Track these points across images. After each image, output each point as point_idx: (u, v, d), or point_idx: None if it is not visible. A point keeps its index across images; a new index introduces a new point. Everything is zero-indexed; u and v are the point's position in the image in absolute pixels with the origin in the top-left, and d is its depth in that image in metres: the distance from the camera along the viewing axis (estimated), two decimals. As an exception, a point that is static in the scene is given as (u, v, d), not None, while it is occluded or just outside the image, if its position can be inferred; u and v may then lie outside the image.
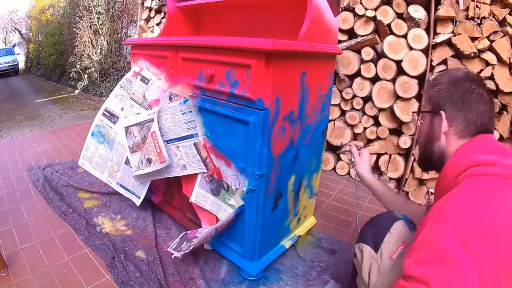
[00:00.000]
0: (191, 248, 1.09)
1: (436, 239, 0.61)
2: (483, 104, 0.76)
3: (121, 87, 1.47)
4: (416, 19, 1.73)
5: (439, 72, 0.84)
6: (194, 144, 1.22)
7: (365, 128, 2.06)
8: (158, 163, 1.25)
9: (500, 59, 1.63)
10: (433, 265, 0.59)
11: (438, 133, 0.80)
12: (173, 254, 1.09)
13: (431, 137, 0.83)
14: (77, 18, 6.23)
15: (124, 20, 5.78)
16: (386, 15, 1.83)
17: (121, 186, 1.51)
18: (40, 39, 9.85)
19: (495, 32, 1.63)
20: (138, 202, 1.49)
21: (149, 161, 1.27)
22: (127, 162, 1.46)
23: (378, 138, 2.02)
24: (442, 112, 0.79)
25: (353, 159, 1.16)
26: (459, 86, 0.78)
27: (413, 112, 0.88)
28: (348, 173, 2.19)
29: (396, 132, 2.00)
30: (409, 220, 0.89)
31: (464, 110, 0.76)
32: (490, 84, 1.66)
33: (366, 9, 1.88)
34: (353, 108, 2.09)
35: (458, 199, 0.65)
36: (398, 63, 1.84)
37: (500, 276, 0.57)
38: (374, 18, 1.88)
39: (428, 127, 0.84)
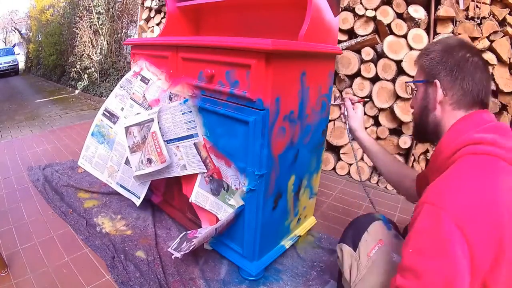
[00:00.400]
0: (191, 248, 1.09)
1: (435, 229, 0.58)
2: (479, 72, 0.73)
3: (121, 87, 1.47)
4: (416, 19, 1.73)
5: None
6: (194, 144, 1.22)
7: (365, 128, 2.06)
8: (159, 163, 1.25)
9: (500, 59, 1.64)
10: (430, 256, 0.58)
11: (433, 103, 0.78)
12: (173, 255, 1.09)
13: (426, 108, 0.80)
14: (77, 18, 6.23)
15: (124, 20, 5.78)
16: (386, 15, 1.83)
17: (121, 186, 1.51)
18: (40, 39, 9.85)
19: (495, 32, 1.63)
20: (138, 202, 1.49)
21: (149, 161, 1.27)
22: (127, 162, 1.46)
23: (378, 138, 2.02)
24: (436, 81, 0.76)
25: (346, 112, 1.14)
26: (453, 53, 0.75)
27: (406, 82, 0.86)
28: (348, 173, 2.19)
29: (396, 132, 2.00)
30: (388, 220, 0.91)
31: (459, 78, 0.73)
32: (490, 84, 1.66)
33: (366, 9, 1.88)
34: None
35: (457, 181, 0.62)
36: (398, 63, 1.84)
37: (500, 265, 0.56)
38: (374, 18, 1.88)
39: (422, 97, 0.81)
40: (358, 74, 2.00)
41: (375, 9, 1.86)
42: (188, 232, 1.25)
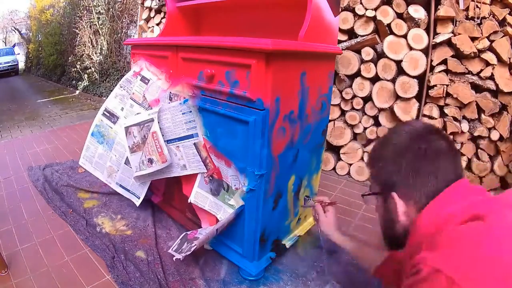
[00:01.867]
0: (192, 249, 1.09)
1: None
2: (443, 160, 0.64)
3: (121, 87, 1.47)
4: (416, 19, 1.73)
5: (379, 138, 0.79)
6: (194, 144, 1.22)
7: (365, 128, 2.07)
8: (160, 163, 1.25)
9: (500, 59, 1.64)
10: None
11: (395, 215, 0.69)
12: (174, 256, 1.09)
13: (389, 221, 0.72)
14: (77, 18, 6.23)
15: (124, 20, 5.78)
16: (386, 15, 1.83)
17: (121, 186, 1.51)
18: (40, 39, 9.86)
19: (495, 32, 1.63)
20: (137, 202, 1.49)
21: (150, 161, 1.27)
22: (126, 162, 1.46)
23: (378, 138, 2.02)
24: (393, 194, 0.68)
25: (317, 217, 1.09)
26: (405, 155, 0.66)
27: (362, 195, 0.82)
28: (348, 173, 2.19)
29: (396, 132, 2.00)
30: None
31: (418, 182, 0.65)
32: (490, 84, 1.66)
33: (366, 9, 1.88)
34: (353, 108, 2.09)
35: (468, 249, 0.51)
36: (398, 63, 1.84)
37: None
38: (374, 18, 1.88)
39: (383, 210, 0.74)
40: (358, 74, 2.00)
41: (375, 9, 1.86)
42: (188, 233, 1.25)
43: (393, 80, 1.89)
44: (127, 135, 1.40)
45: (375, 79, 1.96)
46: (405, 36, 1.80)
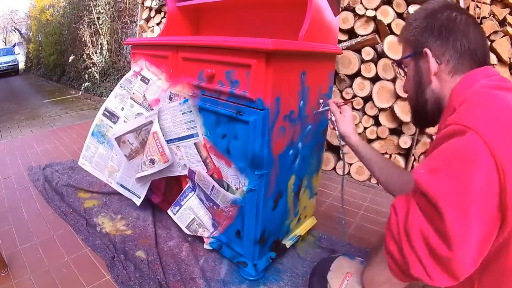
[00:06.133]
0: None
1: (457, 148, 0.49)
2: (472, 29, 0.64)
3: (121, 86, 1.47)
4: (416, 19, 1.73)
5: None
6: (195, 144, 1.22)
7: (365, 128, 2.06)
8: (162, 163, 1.25)
9: (500, 59, 1.64)
10: (446, 175, 0.49)
11: (427, 76, 0.68)
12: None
13: (420, 84, 0.71)
14: (77, 18, 6.23)
15: (124, 20, 5.78)
16: (387, 15, 1.83)
17: (121, 186, 1.51)
18: (40, 39, 9.85)
19: (495, 32, 1.63)
20: (138, 202, 1.49)
21: (152, 161, 1.27)
22: (127, 162, 1.46)
23: (378, 138, 2.02)
24: (426, 49, 0.66)
25: (333, 118, 1.02)
26: (437, 15, 0.66)
27: (392, 62, 0.81)
28: (349, 173, 2.19)
29: (396, 132, 2.00)
30: (351, 255, 0.85)
31: (451, 39, 0.64)
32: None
33: (367, 9, 1.88)
34: (353, 108, 2.09)
35: (482, 104, 0.53)
36: (398, 63, 1.84)
37: None
38: (374, 18, 1.88)
39: (414, 74, 0.72)
40: (358, 74, 2.00)
41: (376, 9, 1.86)
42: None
43: (393, 80, 1.89)
44: (120, 145, 1.40)
45: (375, 79, 1.96)
46: (405, 36, 1.79)
